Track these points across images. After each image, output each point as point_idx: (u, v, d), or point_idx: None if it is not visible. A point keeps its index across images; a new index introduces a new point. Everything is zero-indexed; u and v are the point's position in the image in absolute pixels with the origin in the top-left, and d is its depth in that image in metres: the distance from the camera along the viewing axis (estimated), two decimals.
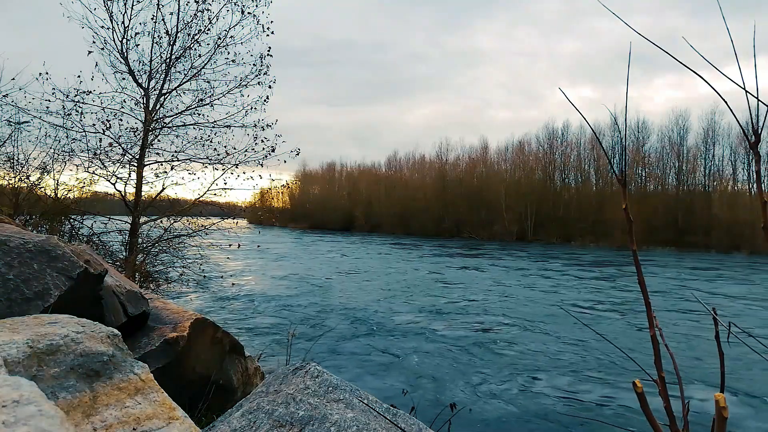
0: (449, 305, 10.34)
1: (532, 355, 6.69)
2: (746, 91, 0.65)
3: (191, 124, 7.14)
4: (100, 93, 6.57)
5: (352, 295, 11.47)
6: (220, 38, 6.95)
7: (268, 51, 7.14)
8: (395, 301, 10.69)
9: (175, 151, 7.09)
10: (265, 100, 7.18)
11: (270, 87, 7.22)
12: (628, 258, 24.62)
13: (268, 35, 7.08)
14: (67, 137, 6.54)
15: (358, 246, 30.54)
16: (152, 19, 6.61)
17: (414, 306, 10.17)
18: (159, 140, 7.06)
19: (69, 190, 6.84)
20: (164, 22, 6.66)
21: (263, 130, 7.15)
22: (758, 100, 0.65)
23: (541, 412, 4.77)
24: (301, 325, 8.06)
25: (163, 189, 7.13)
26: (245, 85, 7.14)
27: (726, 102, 0.71)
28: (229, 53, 7.04)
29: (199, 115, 7.13)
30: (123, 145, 6.69)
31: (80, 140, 6.56)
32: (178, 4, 6.67)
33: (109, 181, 6.73)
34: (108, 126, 6.57)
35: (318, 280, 13.98)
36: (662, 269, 20.33)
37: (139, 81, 6.77)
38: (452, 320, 8.83)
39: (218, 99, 7.13)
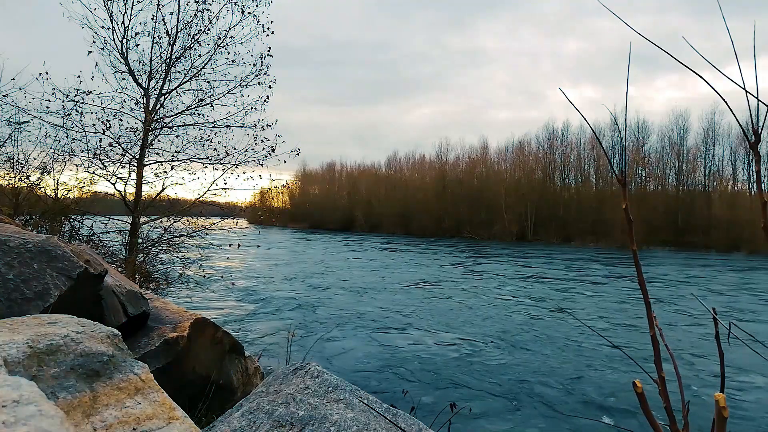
0: (450, 306, 10.34)
1: (533, 356, 6.69)
2: (746, 91, 0.65)
3: (191, 124, 7.14)
4: (100, 93, 6.56)
5: (352, 295, 11.48)
6: (220, 38, 6.95)
7: (269, 51, 7.13)
8: (395, 301, 10.69)
9: (175, 151, 7.09)
10: (265, 100, 7.18)
11: (270, 87, 7.22)
12: (628, 258, 24.62)
13: (268, 35, 7.08)
14: (67, 137, 6.53)
15: (358, 246, 30.54)
16: (152, 19, 6.61)
17: (414, 306, 10.17)
18: (159, 140, 7.05)
19: (69, 190, 6.84)
20: (164, 22, 6.65)
21: (263, 130, 7.14)
22: (758, 100, 0.65)
23: (541, 412, 4.77)
24: (301, 325, 8.07)
25: (163, 189, 7.13)
26: (245, 85, 7.13)
27: (726, 102, 0.71)
28: (229, 53, 7.04)
29: (199, 115, 7.12)
30: (123, 145, 6.69)
31: (80, 140, 6.56)
32: (178, 4, 6.67)
33: (109, 181, 6.73)
34: (108, 126, 6.57)
35: (318, 280, 13.98)
36: (662, 269, 20.33)
37: (139, 81, 6.77)
38: (453, 320, 8.83)
39: (218, 99, 7.12)
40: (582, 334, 7.81)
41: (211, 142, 7.15)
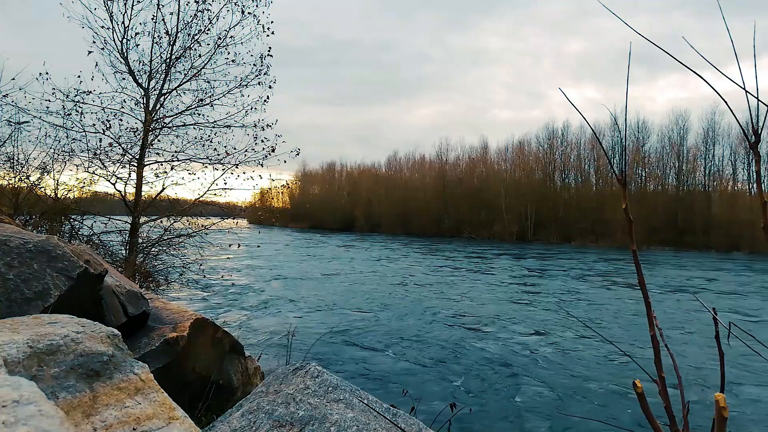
0: (449, 305, 10.34)
1: (532, 356, 6.69)
2: (746, 91, 0.65)
3: (191, 124, 7.14)
4: (100, 93, 6.57)
5: (351, 295, 11.47)
6: (220, 38, 6.96)
7: (269, 51, 7.14)
8: (395, 301, 10.69)
9: (175, 151, 7.10)
10: (265, 101, 7.19)
11: (270, 87, 7.23)
12: (628, 258, 24.61)
13: (268, 35, 7.09)
14: (67, 137, 6.54)
15: (357, 246, 30.54)
16: (152, 19, 6.62)
17: (414, 305, 10.17)
18: (159, 140, 7.06)
19: (69, 190, 6.84)
20: (164, 22, 6.66)
21: (263, 130, 7.15)
22: (758, 100, 0.65)
23: (541, 412, 4.76)
24: (301, 325, 8.06)
25: (163, 189, 7.14)
26: (245, 85, 7.14)
27: (726, 102, 0.71)
28: (229, 53, 7.05)
29: (199, 115, 7.13)
30: (123, 145, 6.69)
31: (80, 140, 6.57)
32: (178, 4, 6.67)
33: (109, 181, 6.74)
34: (108, 126, 6.58)
35: (318, 280, 13.98)
36: (662, 269, 20.33)
37: (139, 81, 6.77)
38: (452, 319, 8.83)
39: (218, 99, 7.14)
40: (582, 334, 7.81)
41: (211, 142, 7.16)
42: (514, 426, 4.46)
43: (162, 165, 7.05)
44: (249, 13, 6.94)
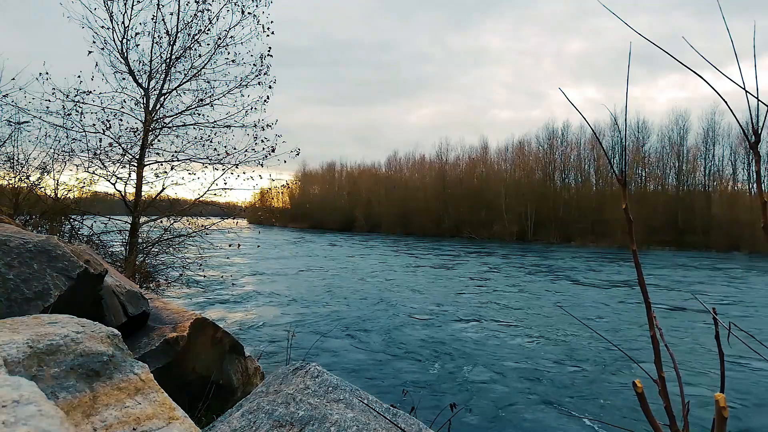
0: (449, 305, 10.34)
1: (532, 355, 6.69)
2: (746, 91, 0.65)
3: (191, 124, 7.14)
4: (100, 93, 6.57)
5: (352, 295, 11.47)
6: (220, 38, 6.96)
7: (269, 51, 7.14)
8: (395, 301, 10.69)
9: (175, 151, 7.10)
10: (265, 101, 7.19)
11: (270, 87, 7.23)
12: (628, 258, 24.61)
13: (268, 35, 7.09)
14: (67, 137, 6.54)
15: (357, 246, 30.54)
16: (152, 19, 6.62)
17: (414, 305, 10.17)
18: (159, 140, 7.06)
19: (69, 190, 6.84)
20: (164, 22, 6.66)
21: (263, 130, 7.16)
22: (758, 100, 0.65)
23: (542, 412, 4.77)
24: (301, 325, 8.06)
25: (163, 189, 7.13)
26: (245, 85, 7.14)
27: (726, 102, 0.71)
28: (229, 53, 7.05)
29: (199, 115, 7.14)
30: (123, 145, 6.69)
31: (80, 140, 6.57)
32: (178, 4, 6.67)
33: (109, 181, 6.74)
34: (108, 126, 6.58)
35: (318, 280, 13.98)
36: (662, 269, 20.33)
37: (139, 81, 6.77)
38: (453, 319, 8.83)
39: (218, 99, 7.14)
40: (582, 334, 7.80)
41: (211, 142, 7.16)
42: (514, 426, 4.46)
43: (162, 165, 7.05)
44: (249, 13, 6.95)
